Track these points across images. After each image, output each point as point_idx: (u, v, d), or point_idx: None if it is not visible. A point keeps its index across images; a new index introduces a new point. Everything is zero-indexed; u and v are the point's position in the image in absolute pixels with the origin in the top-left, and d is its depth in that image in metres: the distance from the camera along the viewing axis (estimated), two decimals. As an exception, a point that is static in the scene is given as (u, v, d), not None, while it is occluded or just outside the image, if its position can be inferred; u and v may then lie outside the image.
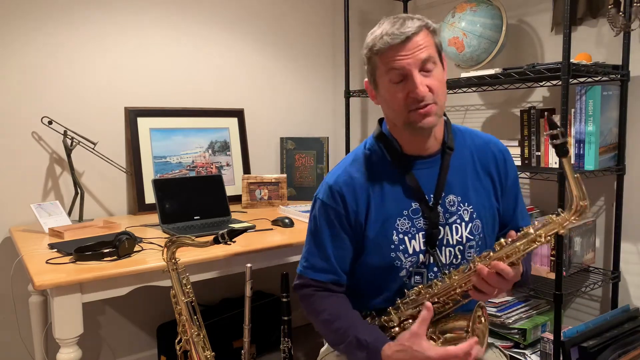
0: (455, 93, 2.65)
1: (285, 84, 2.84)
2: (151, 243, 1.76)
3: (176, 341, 1.41)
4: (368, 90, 1.23)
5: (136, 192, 2.32)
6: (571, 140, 2.00)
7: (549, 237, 1.00)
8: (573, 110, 1.99)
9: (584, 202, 0.96)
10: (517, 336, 2.11)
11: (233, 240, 1.29)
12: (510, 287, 1.09)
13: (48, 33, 2.16)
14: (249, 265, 1.56)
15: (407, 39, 1.09)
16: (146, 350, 2.47)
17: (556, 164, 2.02)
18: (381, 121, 1.28)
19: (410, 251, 1.18)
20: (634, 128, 2.09)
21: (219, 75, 2.62)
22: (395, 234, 1.18)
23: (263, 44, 2.74)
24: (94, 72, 2.28)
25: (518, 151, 2.23)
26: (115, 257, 1.58)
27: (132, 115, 2.35)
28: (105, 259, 1.57)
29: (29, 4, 2.11)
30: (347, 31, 2.73)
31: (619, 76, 2.03)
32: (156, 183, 2.07)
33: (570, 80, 1.84)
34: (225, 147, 2.61)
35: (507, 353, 1.35)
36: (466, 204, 1.21)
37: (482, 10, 2.22)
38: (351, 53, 2.78)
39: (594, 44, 2.19)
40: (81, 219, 2.18)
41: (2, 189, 2.10)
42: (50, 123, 2.15)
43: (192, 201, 2.12)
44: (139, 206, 2.31)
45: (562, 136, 0.95)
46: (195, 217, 2.10)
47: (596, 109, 1.94)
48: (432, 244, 1.19)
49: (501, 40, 2.22)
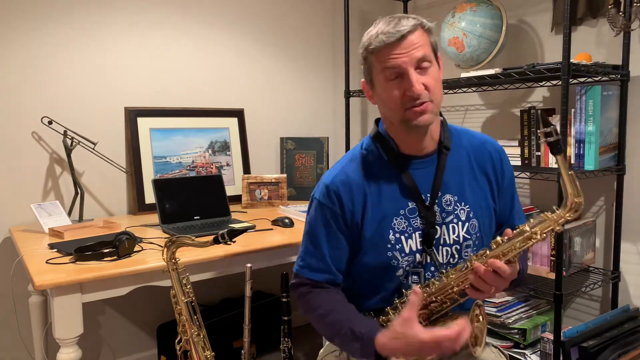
0: (455, 93, 2.65)
1: (285, 84, 2.84)
2: (151, 243, 1.76)
3: (176, 341, 1.41)
4: (365, 90, 1.24)
5: (136, 192, 2.32)
6: (571, 140, 2.01)
7: (545, 234, 1.00)
8: (573, 110, 1.99)
9: (578, 198, 0.96)
10: (517, 336, 2.11)
11: (233, 240, 1.30)
12: (507, 285, 1.09)
13: (48, 33, 2.16)
14: (249, 265, 1.56)
15: (403, 37, 1.10)
16: (146, 350, 2.47)
17: (556, 164, 2.01)
18: (378, 121, 1.29)
19: (407, 250, 1.19)
20: (634, 128, 2.09)
21: (219, 75, 2.62)
22: (391, 234, 1.19)
23: (263, 44, 2.74)
24: (94, 72, 2.28)
25: (518, 151, 2.23)
26: (115, 257, 1.58)
27: (132, 115, 2.35)
28: (105, 259, 1.57)
29: (29, 4, 2.11)
30: (347, 31, 2.73)
31: (619, 76, 2.03)
32: (156, 183, 2.07)
33: (570, 80, 1.84)
34: (225, 147, 2.61)
35: (506, 353, 1.34)
36: (463, 204, 1.22)
37: (482, 10, 2.22)
38: (351, 53, 2.78)
39: (594, 44, 2.19)
40: (81, 219, 2.18)
41: (2, 189, 2.10)
42: (50, 123, 2.15)
43: (192, 201, 2.12)
44: (139, 206, 2.31)
45: (556, 134, 0.95)
46: (195, 217, 2.10)
47: (596, 109, 1.94)
48: (428, 243, 1.19)
49: (501, 40, 2.22)
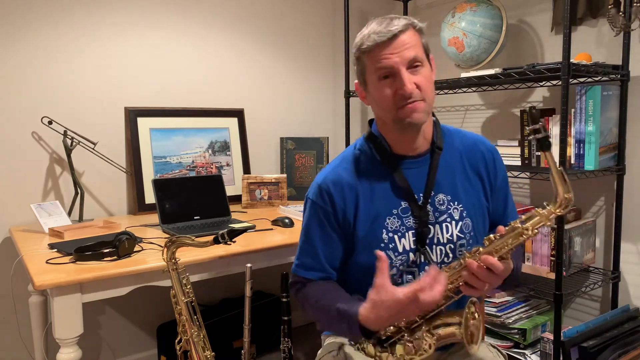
0: (455, 93, 2.65)
1: (285, 84, 2.84)
2: (151, 243, 1.76)
3: (176, 341, 1.41)
4: (358, 91, 1.27)
5: (136, 192, 2.32)
6: (571, 140, 2.01)
7: (536, 230, 1.01)
8: (573, 110, 1.99)
9: (568, 194, 0.97)
10: (517, 336, 2.11)
11: (233, 240, 1.30)
12: (501, 282, 1.10)
13: (48, 33, 2.16)
14: (249, 265, 1.56)
15: (394, 37, 1.12)
16: (146, 350, 2.47)
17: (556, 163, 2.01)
18: (371, 122, 1.30)
19: (400, 249, 1.20)
20: (634, 128, 2.09)
21: (219, 75, 2.62)
22: (384, 233, 1.20)
23: (263, 44, 2.74)
24: (94, 72, 2.28)
25: (518, 151, 2.23)
26: (115, 257, 1.58)
27: (132, 115, 2.35)
28: (105, 259, 1.57)
29: (29, 4, 2.11)
30: (347, 31, 2.73)
31: (619, 76, 2.03)
32: (156, 183, 2.07)
33: (570, 80, 1.84)
34: (225, 147, 2.61)
35: (504, 352, 1.34)
36: (456, 203, 1.23)
37: (482, 10, 2.22)
38: (351, 53, 2.77)
39: (594, 44, 2.19)
40: (81, 219, 2.18)
41: (2, 189, 2.10)
42: (50, 123, 2.15)
43: (192, 201, 2.12)
44: (139, 206, 2.31)
45: (544, 130, 0.96)
46: (195, 217, 2.10)
47: (596, 109, 1.94)
48: (422, 242, 1.20)
49: (501, 40, 2.22)
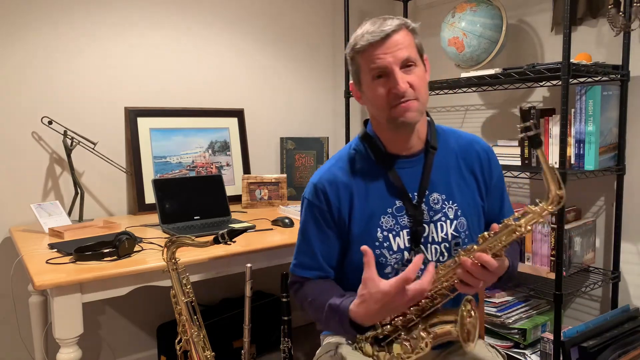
0: (455, 93, 2.65)
1: (285, 84, 2.84)
2: (151, 243, 1.76)
3: (176, 341, 1.41)
4: (353, 91, 1.28)
5: (136, 192, 2.32)
6: (571, 140, 2.01)
7: (530, 227, 1.02)
8: (573, 110, 1.99)
9: (560, 191, 0.98)
10: (517, 336, 2.11)
11: (233, 240, 1.30)
12: (496, 280, 1.10)
13: (48, 33, 2.16)
14: (249, 265, 1.56)
15: (387, 37, 1.13)
16: (146, 350, 2.47)
17: (556, 164, 2.01)
18: (366, 122, 1.32)
19: (395, 248, 1.21)
20: (634, 128, 2.09)
21: (219, 75, 2.62)
22: (379, 231, 1.21)
23: (263, 43, 2.74)
24: (94, 72, 2.28)
25: (518, 151, 2.23)
26: (115, 257, 1.58)
27: (132, 115, 2.35)
28: (105, 259, 1.57)
29: (29, 4, 2.11)
30: (347, 31, 2.73)
31: (619, 76, 2.03)
32: (156, 183, 2.07)
33: (570, 80, 1.84)
34: (225, 147, 2.61)
35: (503, 353, 1.34)
36: (450, 202, 1.23)
37: (482, 10, 2.22)
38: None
39: (594, 44, 2.19)
40: (81, 219, 2.18)
41: (2, 189, 2.10)
42: (50, 123, 2.15)
43: (192, 201, 2.12)
44: (139, 206, 2.31)
45: (535, 128, 0.97)
46: (195, 217, 2.10)
47: (596, 109, 1.94)
48: (416, 241, 1.21)
49: (501, 40, 2.22)
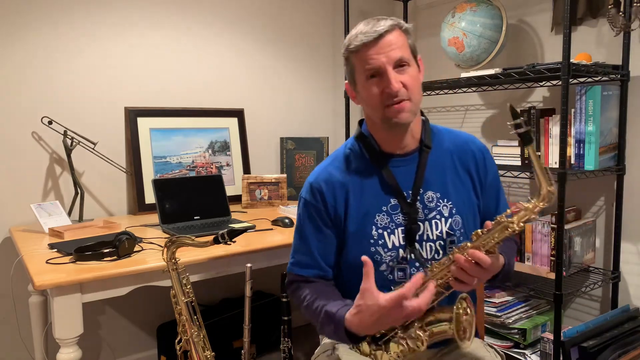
0: (455, 93, 2.65)
1: (285, 84, 2.84)
2: (151, 243, 1.76)
3: (176, 341, 1.41)
4: (349, 91, 1.29)
5: (136, 192, 2.32)
6: (571, 140, 2.01)
7: (522, 224, 1.02)
8: (573, 110, 1.99)
9: (550, 187, 0.99)
10: (517, 336, 2.11)
11: (233, 240, 1.30)
12: (490, 277, 1.10)
13: (48, 33, 2.16)
14: (249, 265, 1.56)
15: (380, 37, 1.15)
16: (146, 350, 2.47)
17: (556, 164, 2.02)
18: (362, 122, 1.33)
19: (390, 246, 1.22)
20: (634, 128, 2.09)
21: (219, 75, 2.62)
22: (374, 229, 1.22)
23: (263, 43, 2.74)
24: (94, 72, 2.28)
25: (518, 151, 2.23)
26: (115, 257, 1.58)
27: (132, 115, 2.35)
28: (105, 259, 1.57)
29: (28, 4, 2.11)
30: (347, 31, 2.73)
31: (619, 76, 2.03)
32: (156, 183, 2.07)
33: (570, 80, 1.84)
34: (225, 147, 2.61)
35: (501, 353, 1.34)
36: (445, 200, 1.24)
37: (482, 10, 2.22)
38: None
39: (594, 44, 2.19)
40: (81, 219, 2.18)
41: (2, 189, 2.10)
42: (50, 123, 2.15)
43: (192, 201, 2.12)
44: (139, 206, 2.31)
45: (525, 125, 0.98)
46: (195, 217, 2.10)
47: (596, 109, 1.94)
48: (411, 239, 1.22)
49: (501, 40, 2.22)
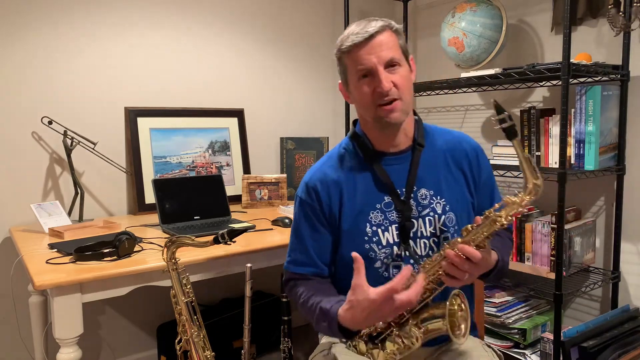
0: (455, 93, 2.65)
1: (285, 84, 2.84)
2: (151, 243, 1.76)
3: (176, 341, 1.41)
4: (342, 91, 1.32)
5: (136, 192, 2.32)
6: (571, 140, 2.01)
7: (510, 218, 1.03)
8: (573, 110, 1.99)
9: (536, 180, 0.99)
10: (517, 336, 2.11)
11: (233, 240, 1.31)
12: (482, 272, 1.10)
13: (48, 33, 2.16)
14: (249, 265, 1.56)
15: (371, 37, 1.17)
16: (146, 350, 2.47)
17: (556, 164, 2.02)
18: (356, 122, 1.35)
19: (384, 243, 1.23)
20: (634, 128, 2.09)
21: (219, 75, 2.62)
22: (368, 227, 1.24)
23: (263, 43, 2.74)
24: (94, 72, 2.28)
25: (518, 151, 2.23)
26: (115, 257, 1.58)
27: (132, 115, 2.35)
28: (105, 259, 1.57)
29: (28, 4, 2.11)
30: (347, 31, 2.73)
31: (619, 76, 2.03)
32: (156, 183, 2.07)
33: (570, 80, 1.84)
34: (225, 147, 2.61)
35: (499, 353, 1.34)
36: (439, 197, 1.26)
37: (482, 10, 2.22)
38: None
39: (594, 44, 2.19)
40: (81, 219, 2.18)
41: (2, 189, 2.10)
42: (50, 123, 2.15)
43: (192, 201, 2.12)
44: (139, 206, 2.31)
45: (510, 119, 1.00)
46: (195, 217, 2.10)
47: (596, 109, 1.94)
48: (405, 236, 1.23)
49: (501, 40, 2.22)
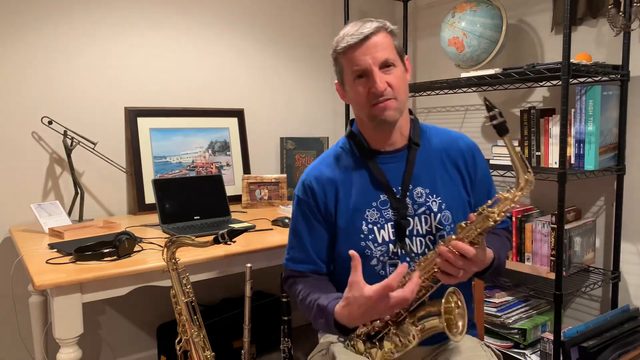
0: (455, 93, 2.65)
1: (285, 84, 2.84)
2: (151, 243, 1.76)
3: (176, 341, 1.41)
4: (338, 91, 1.34)
5: (136, 192, 2.32)
6: (571, 140, 2.01)
7: (503, 214, 1.04)
8: (573, 110, 1.99)
9: (528, 175, 1.00)
10: (517, 336, 2.11)
11: (233, 240, 1.31)
12: (477, 269, 1.10)
13: (48, 33, 2.16)
14: (249, 265, 1.56)
15: (366, 38, 1.18)
16: (146, 350, 2.47)
17: (556, 164, 2.02)
18: (352, 122, 1.37)
19: (380, 240, 1.24)
20: (634, 128, 2.09)
21: (219, 75, 2.62)
22: (364, 224, 1.25)
23: (263, 43, 2.74)
24: (94, 72, 2.28)
25: (518, 151, 2.23)
26: (115, 257, 1.58)
27: (132, 115, 2.35)
28: (105, 259, 1.57)
29: (29, 4, 2.11)
30: (347, 31, 2.73)
31: (619, 76, 2.03)
32: (156, 183, 2.07)
33: (570, 80, 1.84)
34: (225, 147, 2.61)
35: (498, 353, 1.34)
36: (434, 196, 1.26)
37: (482, 10, 2.22)
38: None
39: (594, 44, 2.19)
40: (81, 219, 2.18)
41: (2, 189, 2.10)
42: (50, 123, 2.15)
43: (192, 201, 2.12)
44: (139, 206, 2.31)
45: (500, 116, 1.00)
46: (195, 217, 2.10)
47: (596, 109, 1.94)
48: (401, 233, 1.23)
49: (501, 40, 2.22)
